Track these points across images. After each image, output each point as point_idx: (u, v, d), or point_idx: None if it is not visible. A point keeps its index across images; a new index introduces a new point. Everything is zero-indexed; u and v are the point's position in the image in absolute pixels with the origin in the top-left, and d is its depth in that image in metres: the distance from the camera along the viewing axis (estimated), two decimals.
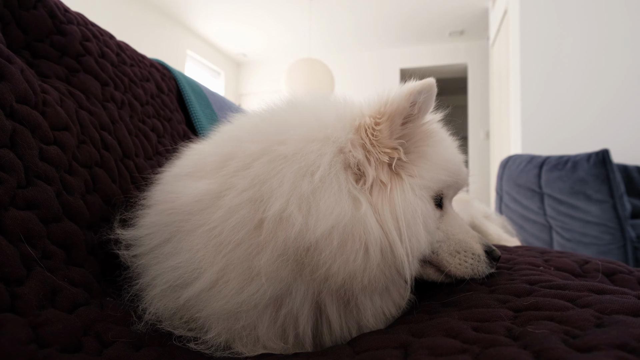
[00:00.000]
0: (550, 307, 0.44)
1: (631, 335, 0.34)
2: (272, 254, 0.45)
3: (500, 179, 2.58)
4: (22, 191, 0.51)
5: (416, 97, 0.50)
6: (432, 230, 0.55)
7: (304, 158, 0.48)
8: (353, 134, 0.52)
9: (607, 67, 2.92)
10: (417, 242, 0.50)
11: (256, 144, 0.51)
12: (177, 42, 5.76)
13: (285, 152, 0.49)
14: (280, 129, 0.52)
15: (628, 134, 2.84)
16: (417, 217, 0.50)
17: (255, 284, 0.46)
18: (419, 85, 0.50)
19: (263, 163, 0.49)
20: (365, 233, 0.47)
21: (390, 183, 0.51)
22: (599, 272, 0.61)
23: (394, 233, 0.48)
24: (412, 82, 0.52)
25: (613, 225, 1.93)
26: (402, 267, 0.48)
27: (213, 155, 0.54)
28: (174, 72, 1.24)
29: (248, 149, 0.51)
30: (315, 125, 0.52)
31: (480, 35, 5.65)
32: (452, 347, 0.37)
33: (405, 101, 0.50)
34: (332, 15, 5.31)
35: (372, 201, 0.50)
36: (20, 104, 0.57)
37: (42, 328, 0.41)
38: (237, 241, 0.46)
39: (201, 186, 0.51)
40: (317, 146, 0.49)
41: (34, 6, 0.75)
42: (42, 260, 0.50)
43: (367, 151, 0.51)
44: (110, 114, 0.81)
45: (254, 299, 0.46)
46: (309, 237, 0.45)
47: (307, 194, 0.46)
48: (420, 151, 0.55)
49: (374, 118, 0.52)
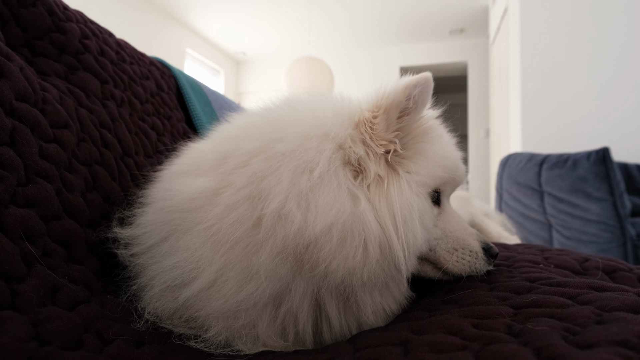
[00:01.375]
0: (551, 304, 0.44)
1: (631, 332, 0.34)
2: (271, 252, 0.45)
3: (500, 177, 2.58)
4: (22, 189, 0.51)
5: (412, 90, 0.51)
6: (429, 227, 0.54)
7: (303, 155, 0.48)
8: (352, 129, 0.52)
9: (607, 65, 2.92)
10: (413, 238, 0.50)
11: (254, 141, 0.51)
12: (177, 41, 5.75)
13: (284, 149, 0.49)
14: (278, 127, 0.52)
15: (628, 132, 2.84)
16: (413, 213, 0.50)
17: (254, 282, 0.46)
18: (415, 79, 0.50)
19: (261, 160, 0.48)
20: (364, 230, 0.47)
21: (387, 178, 0.51)
22: (599, 269, 0.61)
23: (390, 229, 0.48)
24: (408, 76, 0.52)
25: (613, 223, 1.93)
26: (399, 263, 0.48)
27: (211, 154, 0.54)
28: (174, 70, 1.24)
29: (246, 147, 0.51)
30: (314, 123, 0.52)
31: (480, 33, 5.64)
32: (453, 344, 0.37)
33: (401, 94, 0.50)
34: (332, 14, 5.30)
35: (370, 197, 0.50)
36: (20, 102, 0.57)
37: (42, 325, 0.41)
38: (235, 239, 0.46)
39: (199, 183, 0.51)
40: (316, 143, 0.49)
41: (33, 4, 0.74)
42: (43, 258, 0.50)
43: (368, 146, 0.51)
44: (110, 112, 0.81)
45: (253, 298, 0.46)
46: (309, 234, 0.45)
47: (306, 190, 0.46)
48: (418, 147, 0.55)
49: (371, 112, 0.52)
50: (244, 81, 7.27)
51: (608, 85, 2.91)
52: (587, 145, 2.41)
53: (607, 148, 1.95)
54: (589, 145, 2.38)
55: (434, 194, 0.58)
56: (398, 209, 0.49)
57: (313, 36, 5.88)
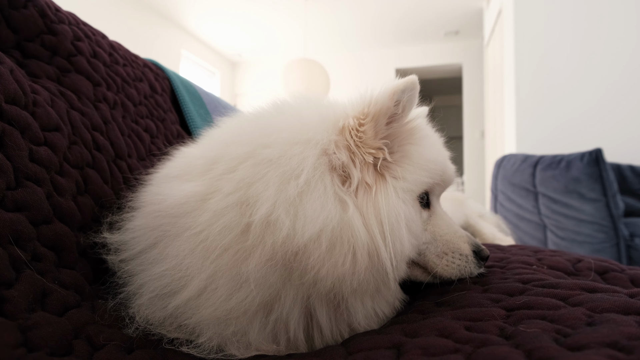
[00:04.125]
0: (543, 306, 0.44)
1: (621, 333, 0.34)
2: (260, 259, 0.45)
3: (495, 178, 2.60)
4: (11, 193, 0.51)
5: (400, 95, 0.49)
6: (417, 233, 0.53)
7: (289, 161, 0.47)
8: (336, 135, 0.51)
9: (601, 67, 2.95)
10: (400, 246, 0.49)
11: (242, 147, 0.51)
12: (173, 42, 5.73)
13: (270, 155, 0.48)
14: (265, 132, 0.52)
15: (621, 133, 2.86)
16: (400, 221, 0.49)
17: (244, 290, 0.45)
18: (402, 84, 0.49)
19: (248, 166, 0.48)
20: (352, 236, 0.46)
21: (375, 185, 0.50)
22: (591, 270, 0.61)
23: (378, 237, 0.47)
24: (394, 80, 0.50)
25: (606, 223, 1.94)
26: (386, 271, 0.48)
27: (200, 159, 0.54)
28: (168, 72, 1.24)
29: (234, 152, 0.50)
30: (299, 128, 0.51)
31: (475, 35, 5.68)
32: (445, 347, 0.37)
33: (389, 101, 0.49)
34: (328, 15, 5.31)
35: (358, 203, 0.49)
36: (10, 105, 0.56)
37: (31, 331, 0.40)
38: (224, 246, 0.46)
39: (188, 188, 0.50)
40: (300, 149, 0.49)
41: (24, 5, 0.74)
42: (32, 263, 0.49)
43: (352, 152, 0.50)
44: (102, 114, 0.81)
45: (243, 306, 0.46)
46: (297, 241, 0.44)
47: (294, 197, 0.45)
48: (404, 150, 0.54)
49: (357, 119, 0.51)
50: (240, 83, 7.26)
51: (601, 86, 2.94)
52: (581, 146, 2.43)
53: (600, 149, 1.96)
54: (583, 146, 2.40)
55: (423, 196, 0.57)
56: (385, 217, 0.48)
57: (309, 38, 5.89)
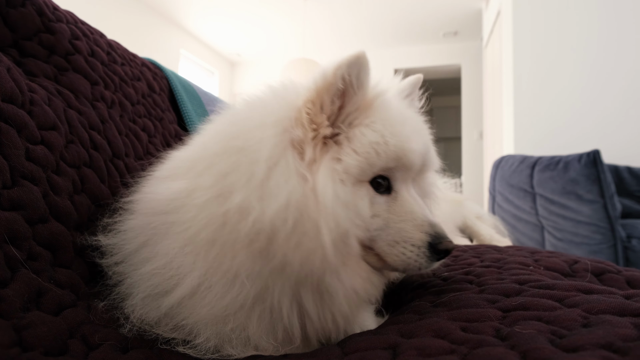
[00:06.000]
0: (539, 307, 0.44)
1: (616, 335, 0.34)
2: (242, 250, 0.45)
3: (493, 179, 2.60)
4: (7, 191, 0.51)
5: (344, 71, 0.49)
6: (362, 216, 0.50)
7: (255, 145, 0.48)
8: (295, 112, 0.51)
9: (599, 68, 2.95)
10: (336, 226, 0.47)
11: (217, 143, 0.53)
12: (171, 42, 5.72)
13: (240, 144, 0.49)
14: (235, 126, 0.54)
15: (619, 134, 2.87)
16: (335, 200, 0.47)
17: (237, 285, 0.46)
18: (346, 59, 0.48)
19: (224, 159, 0.50)
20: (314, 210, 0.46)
21: (317, 162, 0.50)
22: (588, 271, 0.61)
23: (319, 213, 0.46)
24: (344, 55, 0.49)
25: (604, 225, 1.95)
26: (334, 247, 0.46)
27: (186, 161, 0.57)
28: (166, 71, 1.23)
29: (212, 149, 0.52)
30: (261, 113, 0.53)
31: (473, 36, 5.68)
32: (441, 347, 0.37)
33: (332, 76, 0.49)
34: (327, 16, 5.31)
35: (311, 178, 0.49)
36: (7, 103, 0.56)
37: (26, 331, 0.40)
38: (210, 240, 0.46)
39: (174, 186, 0.52)
40: (261, 131, 0.49)
41: (22, 4, 0.74)
42: (28, 262, 0.49)
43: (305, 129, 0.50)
44: (99, 113, 0.81)
45: (239, 300, 0.46)
46: (265, 221, 0.44)
47: (262, 178, 0.46)
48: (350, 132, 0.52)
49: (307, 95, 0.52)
50: (239, 82, 7.25)
51: (599, 88, 2.94)
52: (579, 148, 2.43)
53: (597, 150, 1.97)
54: (581, 148, 2.40)
55: (380, 181, 0.53)
56: (321, 195, 0.47)
57: (307, 38, 5.88)
